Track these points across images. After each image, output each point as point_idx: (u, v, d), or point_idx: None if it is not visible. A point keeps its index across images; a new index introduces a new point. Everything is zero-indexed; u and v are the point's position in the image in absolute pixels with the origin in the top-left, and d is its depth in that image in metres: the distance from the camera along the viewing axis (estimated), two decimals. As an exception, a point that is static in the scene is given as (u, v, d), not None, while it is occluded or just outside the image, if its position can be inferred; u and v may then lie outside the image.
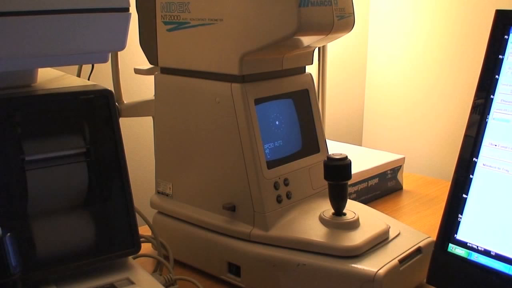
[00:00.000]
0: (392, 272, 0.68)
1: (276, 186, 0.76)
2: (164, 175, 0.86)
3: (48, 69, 0.73)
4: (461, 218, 0.67)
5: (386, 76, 1.49)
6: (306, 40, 0.75)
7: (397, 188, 1.16)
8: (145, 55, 0.84)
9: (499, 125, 0.65)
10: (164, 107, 0.84)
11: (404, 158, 1.15)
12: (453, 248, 0.67)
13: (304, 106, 0.83)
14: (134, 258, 0.68)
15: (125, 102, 0.95)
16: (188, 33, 0.77)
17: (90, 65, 0.97)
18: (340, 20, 0.75)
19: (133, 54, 0.92)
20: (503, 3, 0.92)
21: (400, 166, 1.15)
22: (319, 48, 1.18)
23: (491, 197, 0.65)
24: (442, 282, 0.68)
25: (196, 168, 0.81)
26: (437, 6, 1.35)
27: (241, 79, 0.74)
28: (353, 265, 0.69)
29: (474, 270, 0.65)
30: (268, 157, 0.76)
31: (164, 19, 0.80)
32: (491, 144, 0.65)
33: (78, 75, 0.92)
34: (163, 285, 0.69)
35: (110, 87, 0.68)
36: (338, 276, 0.69)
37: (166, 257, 0.79)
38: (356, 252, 0.70)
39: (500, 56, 0.66)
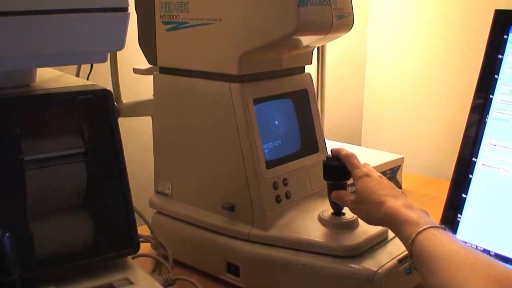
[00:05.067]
0: (391, 271, 0.68)
1: (275, 186, 0.76)
2: (163, 175, 0.86)
3: (47, 69, 0.73)
4: (460, 218, 0.67)
5: (385, 76, 1.49)
6: (305, 39, 0.75)
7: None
8: (144, 55, 0.84)
9: (498, 125, 0.65)
10: (163, 107, 0.84)
11: (403, 158, 1.15)
12: (452, 248, 0.67)
13: (303, 106, 0.83)
14: (133, 258, 0.68)
15: (124, 102, 0.95)
16: (187, 33, 0.77)
17: (89, 65, 0.97)
18: (339, 20, 0.74)
19: (132, 54, 0.92)
20: (503, 3, 0.92)
21: (399, 166, 1.15)
22: (318, 48, 1.17)
23: (491, 197, 0.65)
24: (441, 282, 0.67)
25: (195, 168, 0.81)
26: (437, 6, 1.35)
27: (240, 79, 0.74)
28: (352, 265, 0.69)
29: (473, 270, 0.65)
30: (267, 157, 0.76)
31: (163, 19, 0.80)
32: (491, 144, 0.65)
33: (77, 75, 0.92)
34: (162, 285, 0.69)
35: (109, 87, 0.68)
36: (337, 276, 0.69)
37: (165, 257, 0.79)
38: (355, 252, 0.70)
39: (500, 56, 0.66)
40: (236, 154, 0.75)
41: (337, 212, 0.75)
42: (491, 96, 0.66)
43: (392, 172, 1.13)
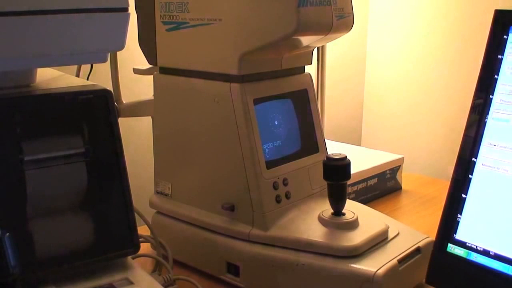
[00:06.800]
0: (391, 272, 0.68)
1: (275, 186, 0.76)
2: (163, 175, 0.86)
3: (47, 69, 0.73)
4: (460, 218, 0.67)
5: (385, 76, 1.49)
6: (305, 40, 0.75)
7: (396, 188, 1.16)
8: (144, 55, 0.84)
9: (498, 125, 0.65)
10: (163, 107, 0.84)
11: (403, 158, 1.15)
12: (452, 248, 0.67)
13: (303, 106, 0.83)
14: (133, 258, 0.68)
15: (124, 102, 0.95)
16: (187, 33, 0.77)
17: (89, 65, 0.97)
18: (339, 20, 0.74)
19: (132, 54, 0.92)
20: (503, 3, 0.92)
21: (399, 166, 1.15)
22: (318, 48, 1.18)
23: (490, 197, 0.65)
24: (441, 282, 0.68)
25: (195, 168, 0.81)
26: (437, 6, 1.35)
27: (240, 79, 0.74)
28: (352, 265, 0.69)
29: (473, 270, 0.65)
30: (267, 157, 0.76)
31: (163, 19, 0.80)
32: (490, 144, 0.65)
33: (77, 75, 0.92)
34: (162, 285, 0.69)
35: (109, 87, 0.68)
36: (337, 276, 0.69)
37: (165, 257, 0.79)
38: (355, 252, 0.70)
39: (499, 56, 0.66)
40: (236, 154, 0.75)
41: (337, 212, 0.75)
42: (491, 96, 0.66)
43: (392, 172, 1.13)
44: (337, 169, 0.73)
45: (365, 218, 0.76)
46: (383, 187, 1.12)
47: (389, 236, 0.75)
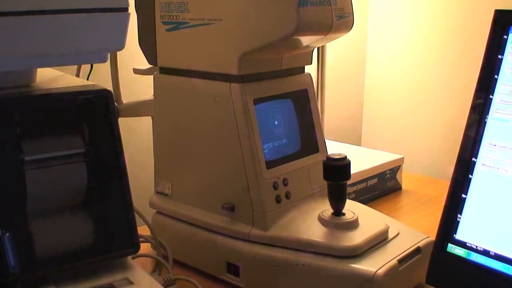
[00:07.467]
0: (391, 272, 0.68)
1: (275, 186, 0.76)
2: (163, 175, 0.86)
3: (47, 69, 0.73)
4: (460, 218, 0.67)
5: (385, 76, 1.49)
6: (305, 40, 0.75)
7: (396, 188, 1.16)
8: (144, 55, 0.84)
9: (498, 125, 0.65)
10: (163, 107, 0.84)
11: (403, 158, 1.15)
12: (452, 248, 0.67)
13: (303, 106, 0.83)
14: (133, 258, 0.68)
15: (124, 102, 0.95)
16: (187, 33, 0.77)
17: (89, 65, 0.97)
18: (339, 20, 0.74)
19: (132, 54, 0.92)
20: (503, 3, 0.92)
21: (399, 166, 1.15)
22: (318, 48, 1.18)
23: (490, 197, 0.65)
24: (441, 282, 0.68)
25: (195, 168, 0.81)
26: (437, 6, 1.35)
27: (240, 79, 0.74)
28: (352, 265, 0.69)
29: (473, 270, 0.65)
30: (267, 157, 0.76)
31: (163, 19, 0.80)
32: (491, 144, 0.65)
33: (77, 75, 0.92)
34: (162, 285, 0.69)
35: (109, 87, 0.68)
36: (337, 276, 0.69)
37: (165, 257, 0.79)
38: (355, 252, 0.70)
39: (499, 56, 0.66)
40: (236, 154, 0.75)
41: (337, 212, 0.75)
42: (491, 96, 0.66)
43: (392, 172, 1.13)
44: (337, 169, 0.73)
45: (365, 218, 0.76)
46: (383, 187, 1.12)
47: (389, 236, 0.75)
